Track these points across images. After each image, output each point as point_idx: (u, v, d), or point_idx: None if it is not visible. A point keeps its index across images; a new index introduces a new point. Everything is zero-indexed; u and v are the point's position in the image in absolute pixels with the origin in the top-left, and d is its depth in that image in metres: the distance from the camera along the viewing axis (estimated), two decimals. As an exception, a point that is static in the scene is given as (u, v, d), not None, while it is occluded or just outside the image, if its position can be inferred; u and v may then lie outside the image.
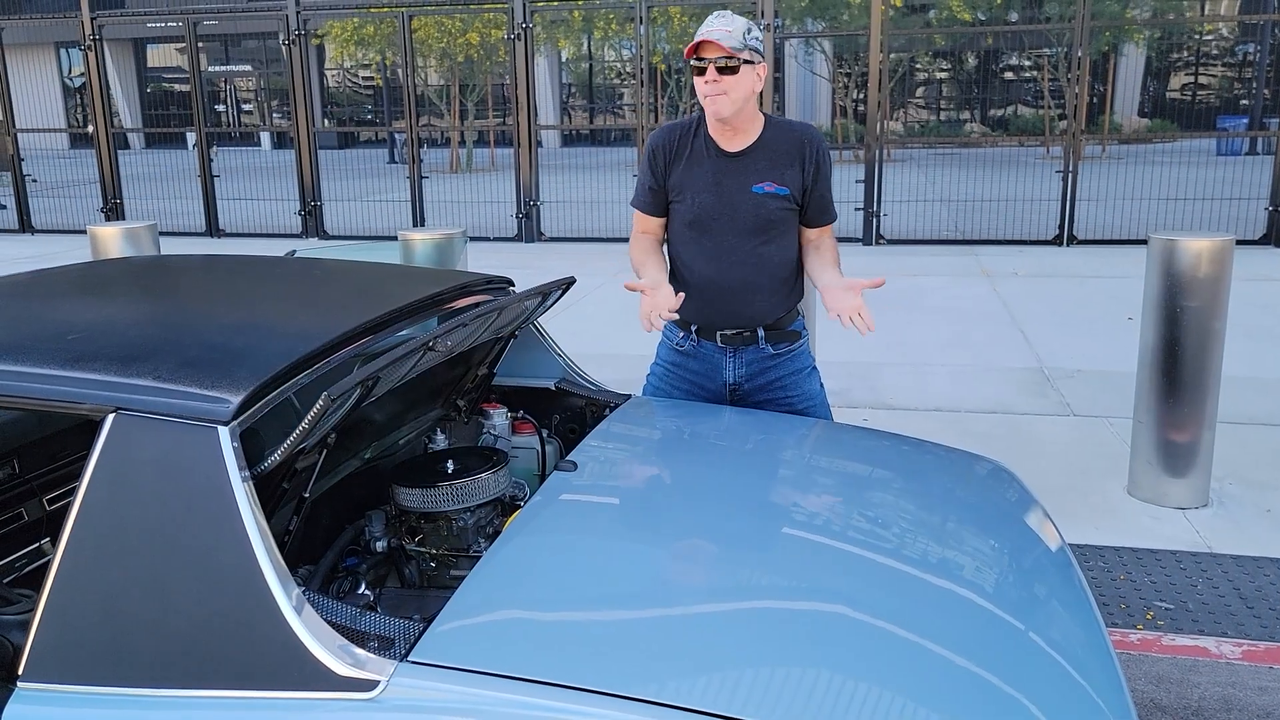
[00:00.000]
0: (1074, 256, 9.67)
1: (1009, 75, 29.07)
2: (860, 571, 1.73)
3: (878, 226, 10.58)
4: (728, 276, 2.55)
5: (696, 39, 2.42)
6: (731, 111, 2.44)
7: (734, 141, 2.53)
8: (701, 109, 2.53)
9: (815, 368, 2.74)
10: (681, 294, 2.41)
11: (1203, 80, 28.11)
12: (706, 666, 1.42)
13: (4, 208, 13.90)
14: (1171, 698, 2.70)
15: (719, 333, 2.60)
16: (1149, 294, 3.76)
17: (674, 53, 20.62)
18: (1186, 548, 3.52)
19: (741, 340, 2.60)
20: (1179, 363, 3.71)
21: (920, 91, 29.72)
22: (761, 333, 2.59)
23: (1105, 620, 3.08)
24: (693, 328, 2.62)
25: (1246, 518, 3.74)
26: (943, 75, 29.60)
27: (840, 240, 11.29)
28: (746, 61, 2.41)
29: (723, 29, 2.40)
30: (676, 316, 2.43)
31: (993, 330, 6.76)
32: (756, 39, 2.45)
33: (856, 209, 10.57)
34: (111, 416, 1.56)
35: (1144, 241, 5.02)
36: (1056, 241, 10.26)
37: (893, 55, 20.37)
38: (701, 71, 2.43)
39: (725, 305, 2.58)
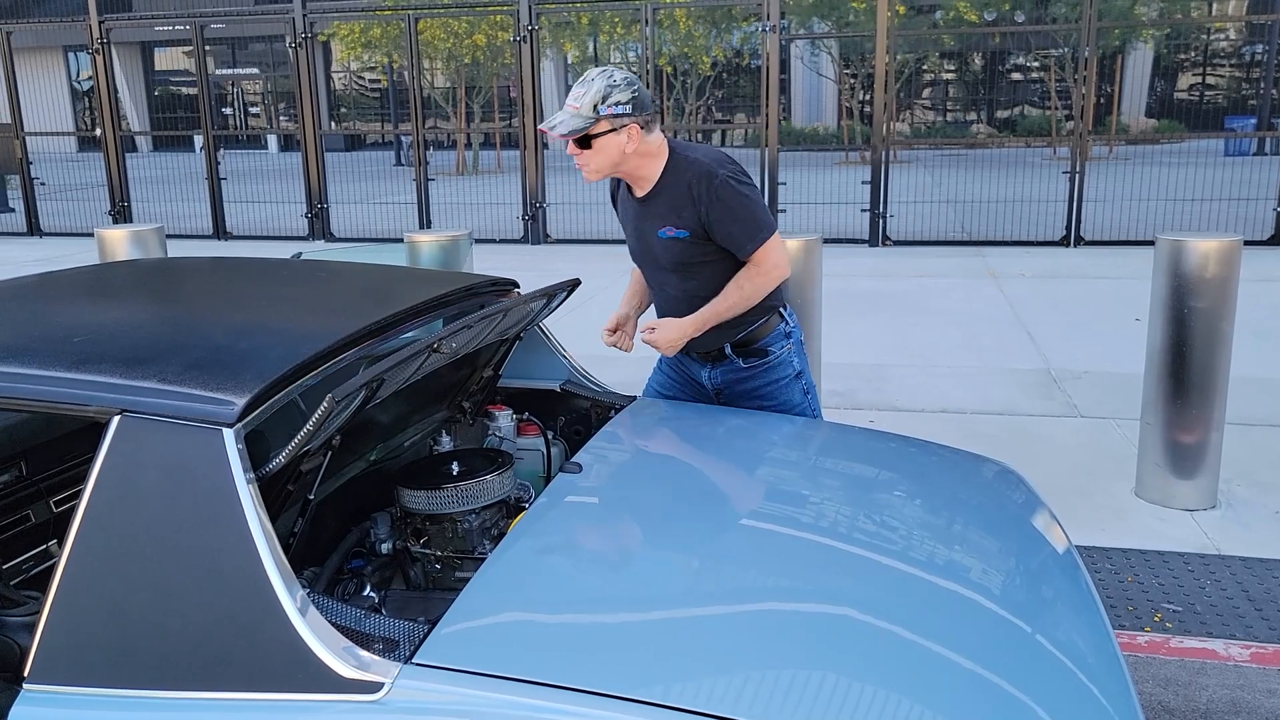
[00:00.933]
0: (1081, 257, 9.64)
1: (1015, 76, 29.01)
2: (866, 574, 1.73)
3: (884, 228, 10.57)
4: (669, 310, 2.66)
5: (545, 126, 2.46)
6: (599, 177, 2.51)
7: (639, 188, 2.57)
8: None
9: (800, 375, 2.69)
10: (623, 333, 2.68)
11: (1210, 80, 28.02)
12: (712, 669, 1.41)
13: (12, 210, 13.97)
14: (1179, 700, 2.68)
15: (690, 350, 2.67)
16: (1156, 295, 3.75)
17: (680, 55, 20.63)
18: (1194, 550, 3.50)
19: (711, 357, 2.67)
20: (1187, 364, 3.70)
21: (926, 92, 29.67)
22: (729, 349, 2.64)
23: (1113, 622, 3.08)
24: None
25: (1255, 519, 3.72)
26: (949, 76, 29.55)
27: (846, 241, 11.20)
28: (606, 131, 2.40)
29: (570, 109, 2.41)
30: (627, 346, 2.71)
31: (999, 331, 6.75)
32: (616, 104, 2.40)
33: (863, 210, 10.56)
34: (117, 418, 1.56)
35: (1151, 242, 5.01)
36: (1063, 242, 10.23)
37: (899, 56, 20.34)
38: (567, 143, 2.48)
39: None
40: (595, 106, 2.40)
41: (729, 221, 2.46)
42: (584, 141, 2.42)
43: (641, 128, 2.44)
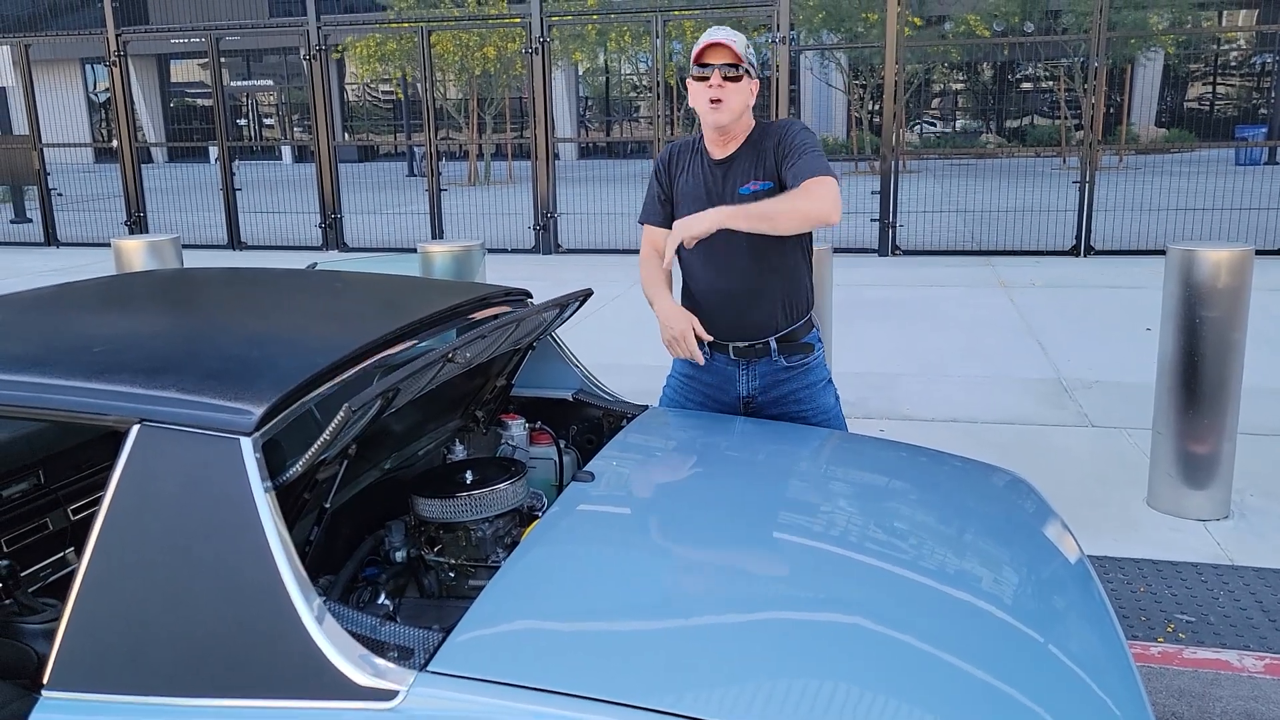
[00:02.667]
0: (1091, 267, 9.62)
1: (1025, 86, 28.99)
2: (877, 584, 1.73)
3: (893, 237, 10.56)
4: (730, 284, 2.57)
5: (705, 41, 2.44)
6: (730, 120, 2.48)
7: (725, 149, 2.57)
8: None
9: (831, 381, 2.73)
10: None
11: (1221, 90, 27.94)
12: (724, 678, 1.42)
13: (30, 221, 14.07)
14: (1193, 712, 2.67)
15: (731, 345, 2.61)
16: (1167, 305, 3.74)
17: (689, 65, 20.67)
18: (1207, 560, 3.49)
19: (754, 353, 2.61)
20: (1198, 374, 3.69)
21: (936, 103, 29.66)
22: (774, 344, 2.59)
23: (1125, 633, 3.06)
24: (704, 342, 2.64)
25: (1268, 529, 3.70)
26: (958, 86, 29.54)
27: (856, 251, 11.17)
28: (746, 72, 2.46)
29: (728, 36, 2.43)
30: (708, 336, 2.56)
31: (1009, 341, 6.73)
32: (753, 55, 2.51)
33: (872, 220, 10.56)
34: (136, 428, 1.58)
35: (1162, 252, 5.01)
36: (1074, 252, 10.21)
37: (908, 67, 20.34)
38: (704, 79, 2.46)
39: (732, 314, 2.59)
40: (745, 48, 2.45)
41: (801, 152, 2.44)
42: (733, 77, 2.43)
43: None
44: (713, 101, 2.45)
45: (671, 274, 2.65)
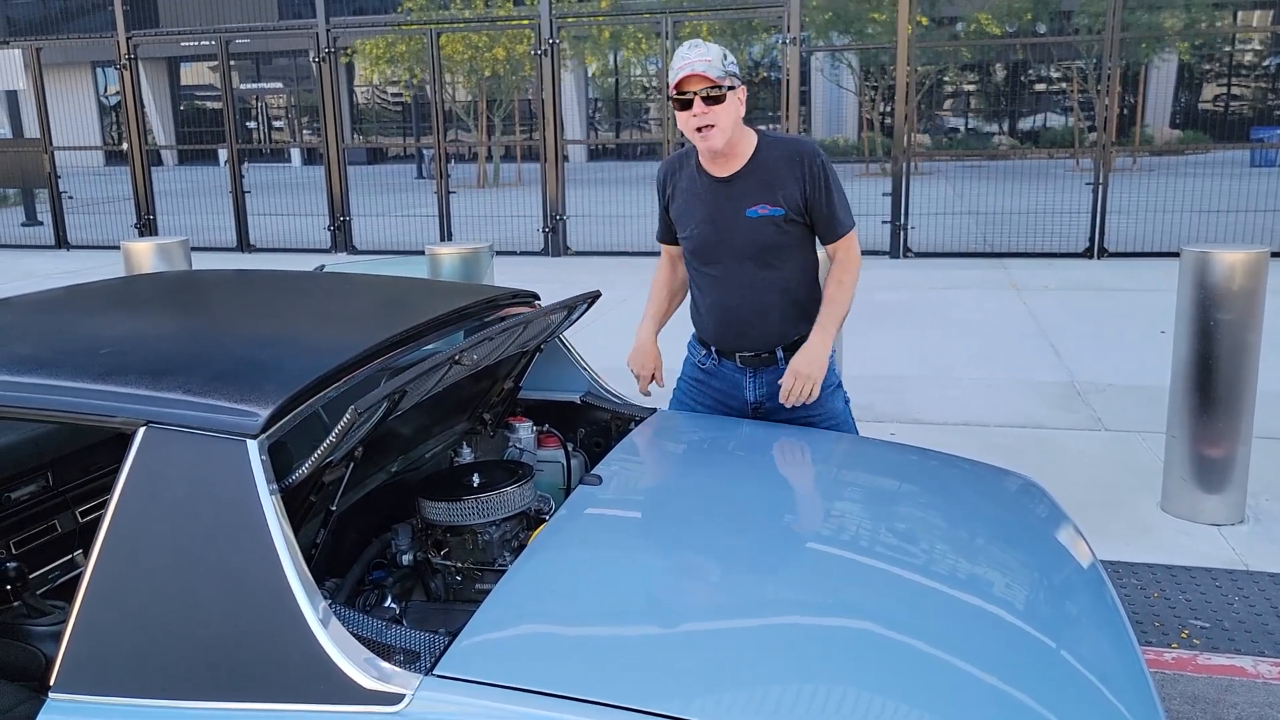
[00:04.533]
0: (1105, 269, 9.57)
1: (1038, 87, 28.89)
2: (888, 589, 1.71)
3: (905, 240, 10.53)
4: (735, 303, 2.54)
5: (678, 74, 2.36)
6: (723, 142, 2.42)
7: (725, 167, 2.50)
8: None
9: (840, 385, 2.71)
10: (652, 372, 2.73)
11: (1236, 91, 27.80)
12: (731, 683, 1.41)
13: (41, 223, 14.15)
14: (1207, 718, 2.65)
15: (737, 354, 2.61)
16: (1182, 307, 3.71)
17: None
18: (1222, 565, 3.45)
19: (760, 361, 2.60)
20: (1213, 377, 3.66)
21: (948, 104, 29.59)
22: (780, 354, 2.58)
23: (1139, 639, 3.03)
24: (712, 347, 2.63)
25: (1284, 535, 3.67)
26: (970, 88, 29.46)
27: (867, 254, 11.17)
28: (729, 88, 2.37)
29: (702, 59, 2.35)
30: (660, 385, 2.77)
31: (1022, 344, 6.70)
32: (733, 63, 2.42)
33: (884, 222, 10.53)
34: (143, 430, 1.58)
35: (1176, 254, 4.97)
36: (1087, 254, 10.16)
37: (919, 68, 20.30)
38: (686, 105, 2.38)
39: (737, 330, 2.58)
40: (722, 63, 2.37)
41: (831, 198, 2.48)
42: (716, 98, 2.35)
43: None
44: (700, 129, 2.39)
45: (681, 290, 2.78)
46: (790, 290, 2.55)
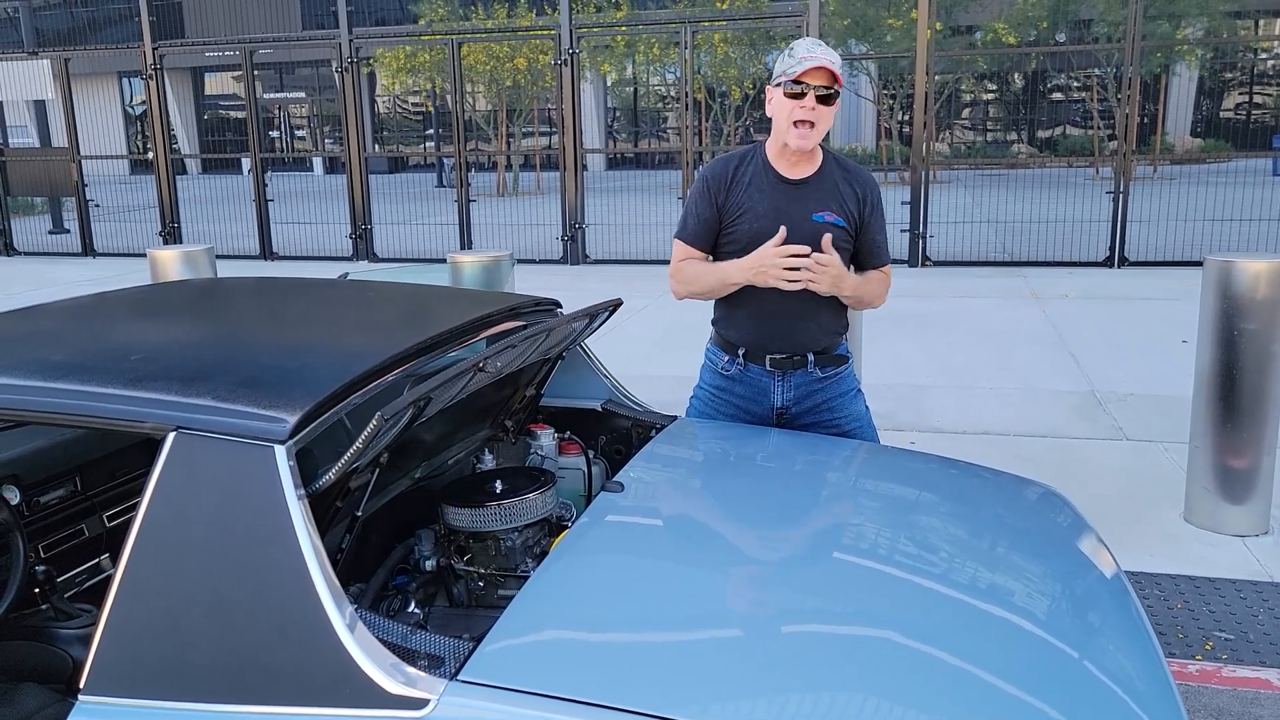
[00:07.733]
0: (1125, 278, 9.51)
1: (1057, 96, 28.75)
2: (909, 597, 1.71)
3: (924, 248, 10.50)
4: (784, 303, 2.52)
5: (806, 63, 2.34)
6: (813, 144, 2.45)
7: (797, 169, 2.52)
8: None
9: (860, 390, 2.73)
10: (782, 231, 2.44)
11: (1258, 99, 27.56)
12: (753, 691, 1.41)
13: (68, 231, 14.32)
14: (1232, 731, 2.62)
15: (768, 356, 2.59)
16: (1204, 316, 3.69)
17: (714, 77, 20.70)
18: (1246, 576, 3.42)
19: (791, 364, 2.60)
20: (1236, 387, 3.63)
21: (966, 113, 29.49)
22: (811, 357, 2.59)
23: (1163, 650, 3.01)
24: (740, 351, 2.62)
25: (1309, 546, 3.63)
26: (989, 96, 29.35)
27: (886, 262, 10.98)
28: (838, 93, 2.41)
29: (830, 56, 2.35)
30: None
31: (1042, 353, 6.66)
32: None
33: (902, 231, 10.49)
34: (172, 435, 1.60)
35: (1199, 263, 4.91)
36: (1107, 263, 10.10)
37: (938, 77, 20.25)
38: (799, 95, 2.37)
39: (779, 331, 2.58)
40: (842, 69, 2.39)
41: (882, 229, 2.63)
42: (828, 98, 2.38)
43: None
44: (799, 124, 2.39)
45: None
46: (833, 300, 2.57)
